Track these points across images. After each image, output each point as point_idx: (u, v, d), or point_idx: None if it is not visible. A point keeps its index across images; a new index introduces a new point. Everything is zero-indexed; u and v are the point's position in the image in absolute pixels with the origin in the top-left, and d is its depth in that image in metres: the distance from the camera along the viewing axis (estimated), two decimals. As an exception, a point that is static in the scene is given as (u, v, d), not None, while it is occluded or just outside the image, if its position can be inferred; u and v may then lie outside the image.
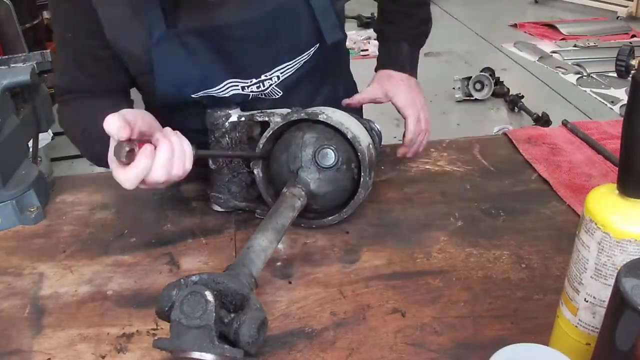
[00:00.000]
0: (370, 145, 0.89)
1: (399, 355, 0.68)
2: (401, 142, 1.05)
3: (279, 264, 0.84)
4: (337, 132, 0.86)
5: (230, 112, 0.89)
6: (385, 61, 1.08)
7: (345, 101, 1.02)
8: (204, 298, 0.60)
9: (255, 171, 0.89)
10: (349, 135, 0.85)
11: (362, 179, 0.87)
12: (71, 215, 0.96)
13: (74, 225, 0.94)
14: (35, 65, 0.97)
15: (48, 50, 1.06)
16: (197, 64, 0.87)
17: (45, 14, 4.12)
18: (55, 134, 3.06)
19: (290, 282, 0.80)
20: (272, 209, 0.80)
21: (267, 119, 0.89)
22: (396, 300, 0.76)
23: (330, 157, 0.85)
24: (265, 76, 0.92)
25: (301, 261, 0.84)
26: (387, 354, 0.68)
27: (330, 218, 0.89)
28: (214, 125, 0.90)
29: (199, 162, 0.78)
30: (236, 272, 0.67)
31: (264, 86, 0.93)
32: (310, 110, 0.87)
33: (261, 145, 0.88)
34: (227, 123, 0.89)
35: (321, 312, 0.75)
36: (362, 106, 1.15)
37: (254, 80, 0.91)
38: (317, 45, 0.93)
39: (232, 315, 0.62)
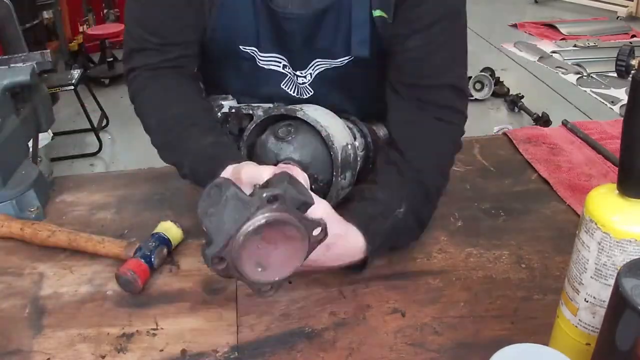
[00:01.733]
0: (349, 146, 0.88)
1: (399, 355, 0.68)
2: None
3: (279, 264, 0.84)
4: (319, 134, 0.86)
5: (223, 103, 0.92)
6: (363, 225, 0.77)
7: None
8: (220, 186, 0.60)
9: None
10: (323, 134, 0.84)
11: (333, 179, 0.86)
12: (71, 215, 0.96)
13: (74, 225, 0.94)
14: (35, 65, 0.97)
15: (48, 50, 1.05)
16: (255, 21, 0.91)
17: (45, 14, 4.13)
18: (55, 134, 3.07)
19: (290, 282, 0.80)
20: None
21: (251, 112, 0.91)
22: (396, 300, 0.76)
23: (286, 130, 0.84)
24: (301, 73, 0.96)
25: (301, 261, 0.84)
26: (387, 354, 0.68)
27: None
28: None
29: None
30: None
31: (298, 80, 0.96)
32: (289, 106, 0.88)
33: (245, 138, 0.89)
34: (219, 113, 0.92)
35: (321, 312, 0.75)
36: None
37: (292, 70, 0.96)
38: (350, 57, 0.93)
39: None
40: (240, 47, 0.94)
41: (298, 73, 0.96)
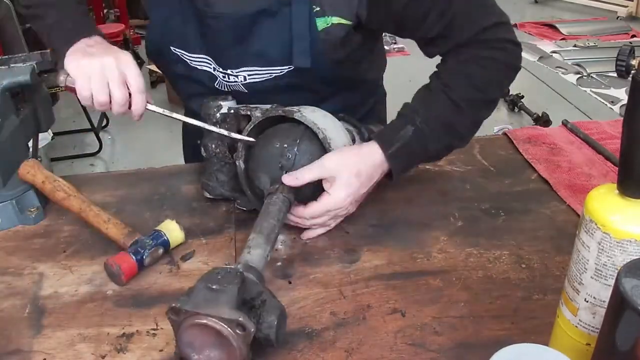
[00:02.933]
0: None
1: (399, 355, 0.68)
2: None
3: (279, 264, 0.84)
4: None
5: (222, 103, 0.93)
6: (376, 135, 0.90)
7: (284, 178, 0.83)
8: (234, 272, 0.64)
9: (237, 162, 0.91)
10: (320, 136, 0.85)
11: None
12: (71, 216, 0.96)
13: (74, 225, 0.94)
14: (35, 65, 0.96)
15: (48, 50, 1.05)
16: (183, 23, 0.95)
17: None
18: (55, 134, 3.06)
19: (290, 282, 0.80)
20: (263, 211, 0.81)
21: (249, 113, 0.91)
22: (396, 300, 0.76)
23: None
24: (232, 72, 0.97)
25: (301, 261, 0.84)
26: (387, 354, 0.68)
27: None
28: (207, 115, 0.93)
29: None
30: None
31: (229, 79, 0.98)
32: (287, 107, 0.88)
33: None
34: (218, 114, 0.92)
35: (321, 312, 0.75)
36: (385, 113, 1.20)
37: (221, 70, 0.97)
38: (291, 67, 0.93)
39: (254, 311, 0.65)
40: (171, 48, 0.98)
41: (229, 72, 0.97)
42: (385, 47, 1.21)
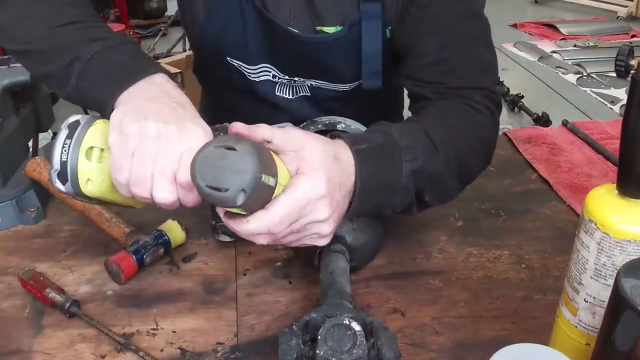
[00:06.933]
0: None
1: (399, 355, 0.68)
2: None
3: (279, 264, 0.84)
4: None
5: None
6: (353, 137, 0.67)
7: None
8: (351, 330, 0.57)
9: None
10: None
11: None
12: (71, 215, 0.96)
13: (74, 225, 0.94)
14: (35, 65, 0.97)
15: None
16: (245, 33, 0.89)
17: (45, 14, 4.12)
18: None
19: (290, 282, 0.80)
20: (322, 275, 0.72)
21: None
22: (396, 300, 0.76)
23: None
24: (298, 79, 0.95)
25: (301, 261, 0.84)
26: (387, 354, 0.68)
27: None
28: None
29: None
30: (337, 301, 0.64)
31: (294, 82, 0.96)
32: (327, 120, 0.83)
33: None
34: None
35: (321, 312, 0.74)
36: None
37: (287, 77, 0.95)
38: (359, 82, 0.91)
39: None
40: (228, 59, 0.93)
41: (295, 79, 0.94)
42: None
